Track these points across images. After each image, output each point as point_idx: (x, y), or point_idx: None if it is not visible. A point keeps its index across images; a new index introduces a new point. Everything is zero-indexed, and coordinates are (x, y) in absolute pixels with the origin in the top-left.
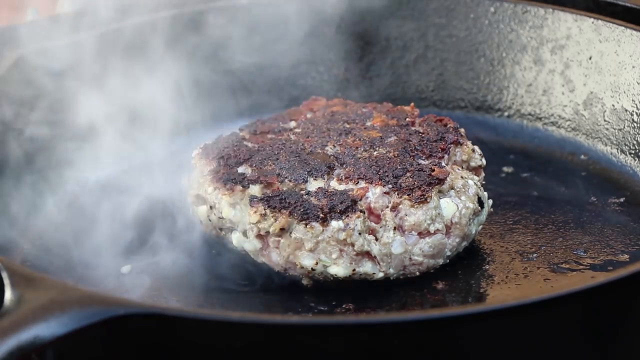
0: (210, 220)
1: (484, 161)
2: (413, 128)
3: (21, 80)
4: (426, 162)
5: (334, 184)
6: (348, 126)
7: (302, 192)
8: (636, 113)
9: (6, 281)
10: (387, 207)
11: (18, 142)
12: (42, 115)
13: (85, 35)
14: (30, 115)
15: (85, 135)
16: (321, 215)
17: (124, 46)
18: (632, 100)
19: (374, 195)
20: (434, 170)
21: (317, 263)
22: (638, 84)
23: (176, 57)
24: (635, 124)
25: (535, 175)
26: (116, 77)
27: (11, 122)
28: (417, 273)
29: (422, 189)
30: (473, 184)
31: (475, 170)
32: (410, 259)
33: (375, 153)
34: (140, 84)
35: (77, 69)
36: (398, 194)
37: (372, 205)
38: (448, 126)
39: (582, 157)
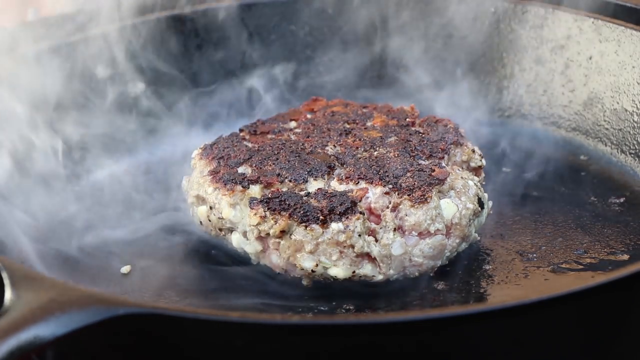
0: (210, 221)
1: (484, 161)
2: (413, 128)
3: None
4: (426, 162)
5: (334, 184)
6: (348, 126)
7: (302, 192)
8: (636, 113)
9: (6, 281)
10: (387, 207)
11: (18, 143)
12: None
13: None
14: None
15: (81, 134)
16: (321, 217)
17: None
18: (632, 100)
19: (374, 195)
20: (434, 171)
21: (317, 265)
22: (638, 84)
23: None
24: (635, 124)
25: (535, 175)
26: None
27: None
28: (417, 274)
29: (422, 189)
30: (473, 184)
31: (475, 170)
32: (410, 260)
33: (375, 153)
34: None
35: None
36: (398, 194)
37: (372, 205)
38: (448, 126)
39: (582, 157)
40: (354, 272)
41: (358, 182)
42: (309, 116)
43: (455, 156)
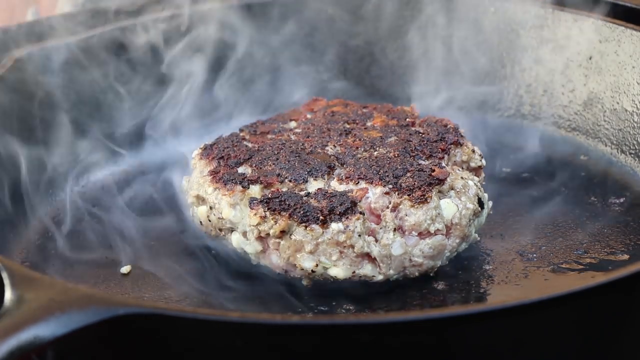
0: (210, 221)
1: (483, 162)
2: (413, 128)
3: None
4: (426, 162)
5: (334, 184)
6: (348, 126)
7: (302, 192)
8: (636, 113)
9: (6, 281)
10: (387, 207)
11: (18, 144)
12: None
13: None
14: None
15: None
16: (321, 217)
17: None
18: (632, 100)
19: (374, 195)
20: (434, 171)
21: (317, 265)
22: (638, 84)
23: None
24: (635, 124)
25: (535, 175)
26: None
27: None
28: (417, 274)
29: (422, 189)
30: (473, 184)
31: (475, 170)
32: (410, 260)
33: (375, 153)
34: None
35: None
36: (398, 194)
37: (372, 205)
38: (448, 126)
39: (582, 157)
40: (354, 272)
41: (358, 182)
42: (309, 116)
43: (455, 156)
